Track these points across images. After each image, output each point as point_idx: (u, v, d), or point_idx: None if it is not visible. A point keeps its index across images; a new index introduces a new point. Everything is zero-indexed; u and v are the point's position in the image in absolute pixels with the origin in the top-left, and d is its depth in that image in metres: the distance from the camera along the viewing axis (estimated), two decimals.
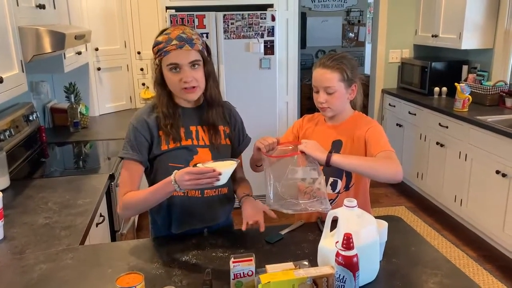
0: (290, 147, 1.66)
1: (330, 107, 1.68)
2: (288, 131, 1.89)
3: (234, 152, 1.72)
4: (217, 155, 1.61)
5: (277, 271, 1.20)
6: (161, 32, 1.57)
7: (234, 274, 1.25)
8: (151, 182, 1.61)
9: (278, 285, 1.15)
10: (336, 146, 1.70)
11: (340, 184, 1.71)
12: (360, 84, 1.73)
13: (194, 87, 1.54)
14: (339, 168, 1.57)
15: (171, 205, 1.62)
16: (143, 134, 1.57)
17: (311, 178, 1.56)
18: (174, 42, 1.51)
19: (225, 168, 1.39)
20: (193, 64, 1.53)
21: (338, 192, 1.71)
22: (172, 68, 1.52)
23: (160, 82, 1.57)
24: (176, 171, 1.42)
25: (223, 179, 1.39)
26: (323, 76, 1.66)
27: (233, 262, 1.25)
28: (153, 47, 1.56)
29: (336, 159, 1.52)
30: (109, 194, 2.37)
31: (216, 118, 1.64)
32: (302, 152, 1.55)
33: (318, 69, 1.68)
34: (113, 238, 2.44)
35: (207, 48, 1.62)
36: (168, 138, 1.57)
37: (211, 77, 1.61)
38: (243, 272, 1.26)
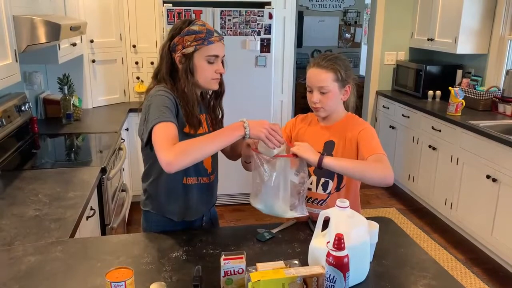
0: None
1: (323, 107, 1.68)
2: (283, 129, 1.89)
3: None
4: None
5: (267, 269, 1.20)
6: (188, 23, 1.59)
7: (224, 272, 1.25)
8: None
9: (268, 283, 1.15)
10: (328, 147, 1.70)
11: (331, 185, 1.71)
12: (353, 85, 1.73)
13: (219, 78, 1.65)
14: (329, 171, 1.57)
15: (187, 192, 1.66)
16: (174, 103, 1.55)
17: (291, 181, 1.57)
18: (216, 34, 1.59)
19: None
20: (223, 58, 1.64)
21: (329, 193, 1.71)
22: (211, 59, 1.58)
23: (192, 71, 1.58)
24: (244, 118, 1.47)
25: (274, 152, 1.52)
26: (317, 76, 1.66)
27: (224, 259, 1.24)
28: (186, 35, 1.55)
29: (328, 161, 1.53)
30: (100, 187, 2.35)
31: (220, 108, 1.76)
32: (294, 155, 1.55)
33: (312, 69, 1.68)
34: (103, 232, 2.43)
35: None
36: (192, 123, 1.58)
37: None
38: (234, 270, 1.26)
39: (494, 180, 3.04)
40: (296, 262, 1.30)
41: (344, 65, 1.68)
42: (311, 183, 1.67)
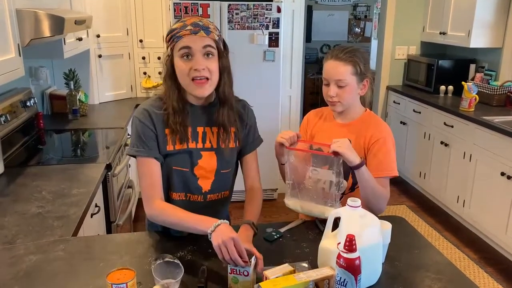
0: (308, 146, 1.66)
1: (340, 101, 1.62)
2: (300, 128, 1.84)
3: (243, 151, 1.62)
4: (223, 159, 1.55)
5: (276, 275, 1.14)
6: (177, 22, 1.48)
7: (230, 269, 1.22)
8: None
9: None
10: None
11: (345, 185, 1.65)
12: (371, 79, 1.67)
13: (206, 78, 1.42)
14: (347, 169, 1.52)
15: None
16: (150, 128, 1.47)
17: (329, 181, 1.51)
18: (189, 27, 1.41)
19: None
20: (207, 52, 1.41)
21: (343, 193, 1.65)
22: (184, 55, 1.40)
23: (171, 74, 1.45)
24: (226, 222, 1.31)
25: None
26: (336, 68, 1.60)
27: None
28: (166, 36, 1.46)
29: (365, 168, 1.51)
30: (105, 184, 2.31)
31: (227, 119, 1.52)
32: (335, 153, 1.47)
33: (330, 61, 1.62)
34: (109, 230, 2.39)
35: (224, 43, 1.51)
36: (174, 138, 1.47)
37: (225, 72, 1.48)
38: (239, 270, 1.21)
39: (508, 177, 2.95)
40: (305, 265, 1.25)
41: (363, 58, 1.62)
42: (324, 182, 1.60)
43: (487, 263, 3.11)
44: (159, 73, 3.99)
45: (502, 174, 3.01)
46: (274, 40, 3.68)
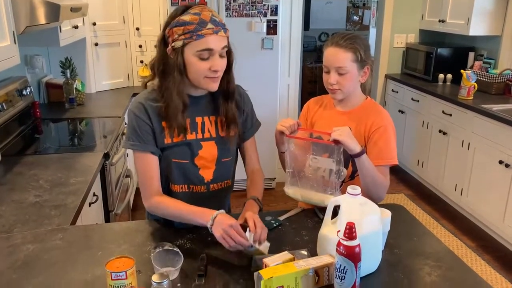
0: (308, 134, 1.64)
1: (341, 89, 1.61)
2: (300, 117, 1.83)
3: (242, 137, 1.61)
4: (223, 148, 1.54)
5: (276, 263, 1.14)
6: (183, 11, 1.39)
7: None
8: None
9: (281, 279, 1.10)
10: None
11: (345, 173, 1.64)
12: (372, 67, 1.65)
13: (218, 76, 1.42)
14: (347, 157, 1.51)
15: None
16: (146, 122, 1.44)
17: (329, 169, 1.50)
18: (210, 25, 1.34)
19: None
20: (223, 52, 1.40)
21: (343, 181, 1.64)
22: (203, 55, 1.36)
23: (181, 68, 1.38)
24: (222, 211, 1.33)
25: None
26: (336, 55, 1.58)
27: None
28: (174, 27, 1.36)
29: (365, 156, 1.50)
30: (103, 173, 2.30)
31: (235, 111, 1.53)
32: (336, 141, 1.46)
33: (330, 48, 1.60)
34: (107, 219, 2.38)
35: None
36: (172, 130, 1.45)
37: (232, 67, 1.49)
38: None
39: (507, 165, 2.96)
40: (305, 252, 1.25)
41: (364, 44, 1.60)
42: (324, 171, 1.59)
43: (485, 251, 3.13)
44: None
45: (500, 162, 3.01)
46: (272, 28, 3.65)
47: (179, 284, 1.20)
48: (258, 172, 1.63)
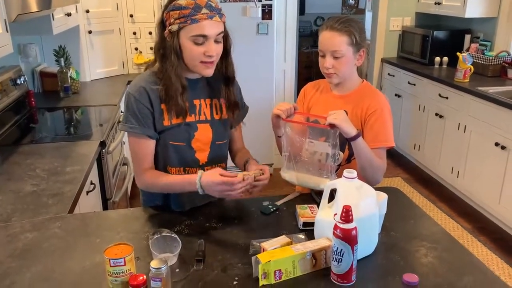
0: (304, 118, 1.65)
1: (336, 73, 1.60)
2: (297, 101, 1.82)
3: (236, 121, 1.64)
4: (218, 130, 1.56)
5: (274, 247, 1.15)
6: None
7: None
8: None
9: (279, 263, 1.11)
10: None
11: (342, 156, 1.65)
12: (367, 50, 1.65)
13: (213, 61, 1.43)
14: (343, 141, 1.51)
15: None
16: (146, 106, 1.45)
17: (326, 153, 1.50)
18: (205, 10, 1.36)
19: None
20: (218, 38, 1.42)
21: (339, 165, 1.65)
22: (197, 39, 1.38)
23: (177, 51, 1.40)
24: (202, 172, 1.40)
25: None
26: (331, 39, 1.57)
27: None
28: (171, 10, 1.38)
29: (361, 140, 1.50)
30: (100, 161, 2.30)
31: (237, 95, 1.59)
32: (331, 125, 1.46)
33: (325, 32, 1.59)
34: (105, 207, 2.39)
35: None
36: (171, 113, 1.46)
37: (229, 52, 1.51)
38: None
39: (503, 147, 2.97)
40: (302, 236, 1.26)
41: (359, 27, 1.59)
42: (320, 154, 1.59)
43: (481, 233, 3.16)
44: (151, 48, 3.92)
45: (496, 144, 3.02)
46: (267, 13, 3.62)
47: (177, 270, 1.21)
48: (245, 150, 1.71)
